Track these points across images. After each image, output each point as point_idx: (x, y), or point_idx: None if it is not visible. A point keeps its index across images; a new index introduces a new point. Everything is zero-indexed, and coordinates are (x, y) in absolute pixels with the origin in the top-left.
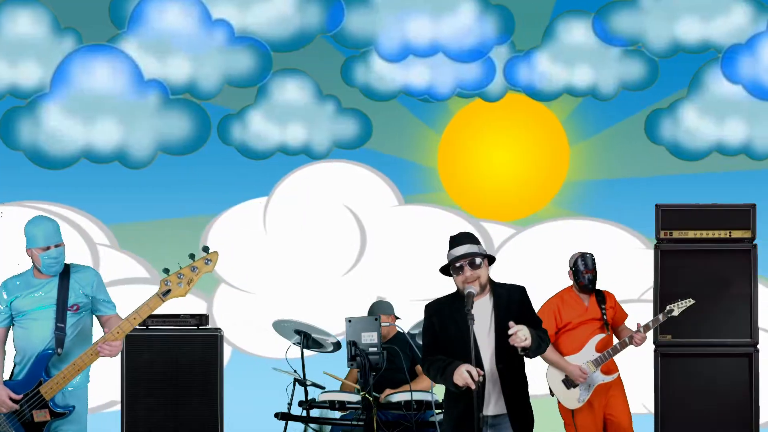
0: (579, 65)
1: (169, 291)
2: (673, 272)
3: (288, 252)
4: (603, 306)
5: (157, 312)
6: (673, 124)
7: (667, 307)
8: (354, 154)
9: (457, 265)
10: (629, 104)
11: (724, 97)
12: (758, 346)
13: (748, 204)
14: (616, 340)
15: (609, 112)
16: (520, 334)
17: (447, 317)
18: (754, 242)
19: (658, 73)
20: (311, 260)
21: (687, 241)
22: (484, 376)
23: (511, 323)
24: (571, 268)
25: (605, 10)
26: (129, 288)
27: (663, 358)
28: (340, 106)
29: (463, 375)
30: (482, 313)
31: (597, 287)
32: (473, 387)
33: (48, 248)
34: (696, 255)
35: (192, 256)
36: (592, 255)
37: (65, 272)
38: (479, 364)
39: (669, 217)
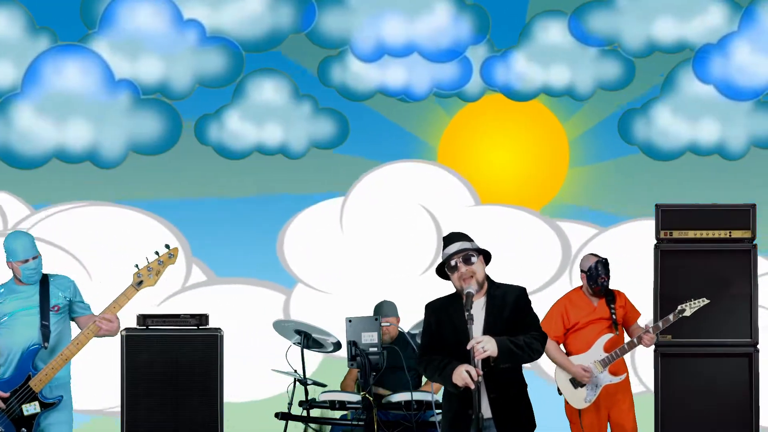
0: (555, 65)
1: (141, 282)
2: (673, 272)
3: (364, 252)
4: (612, 306)
5: (157, 312)
6: (647, 124)
7: (679, 307)
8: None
9: (452, 263)
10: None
11: (697, 98)
12: (758, 346)
13: (748, 204)
14: (627, 339)
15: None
16: (478, 346)
17: (445, 317)
18: (754, 242)
19: (634, 73)
20: (388, 260)
21: (687, 241)
22: (481, 376)
23: (475, 337)
24: (585, 272)
25: (581, 10)
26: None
27: (663, 358)
28: (316, 106)
29: (463, 375)
30: (476, 315)
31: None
32: (472, 387)
33: (26, 261)
34: (696, 255)
35: (157, 253)
36: (607, 260)
37: (44, 280)
38: (475, 365)
39: (669, 217)
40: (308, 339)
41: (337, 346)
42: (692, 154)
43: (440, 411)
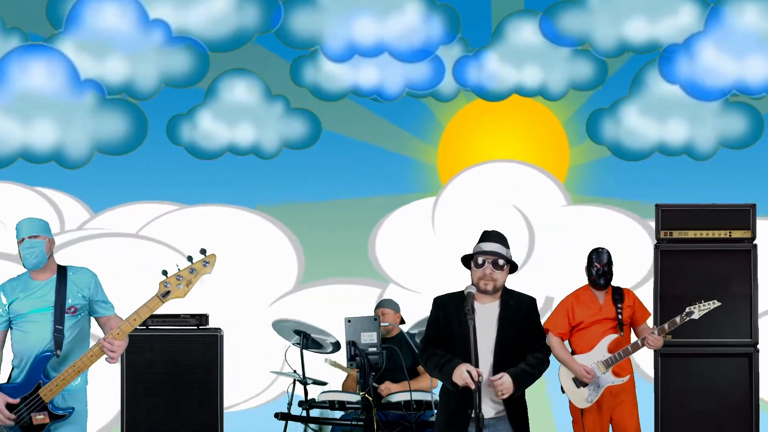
0: (528, 65)
1: (168, 292)
2: (673, 272)
3: (456, 251)
4: (619, 305)
5: (157, 312)
6: (615, 124)
7: (687, 309)
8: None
9: (480, 260)
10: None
11: (665, 98)
12: (758, 346)
13: (748, 204)
14: (634, 338)
15: None
16: (501, 388)
17: (452, 313)
18: (754, 242)
19: (607, 73)
20: None
21: (687, 241)
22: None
23: (497, 377)
24: (586, 263)
25: (553, 10)
26: None
27: (663, 358)
28: (288, 106)
29: (463, 375)
30: (488, 318)
31: (616, 285)
32: (472, 387)
33: (23, 240)
34: (696, 255)
35: (190, 259)
36: (606, 249)
37: (62, 274)
38: (477, 364)
39: (669, 217)
40: (307, 339)
41: (336, 346)
42: (661, 154)
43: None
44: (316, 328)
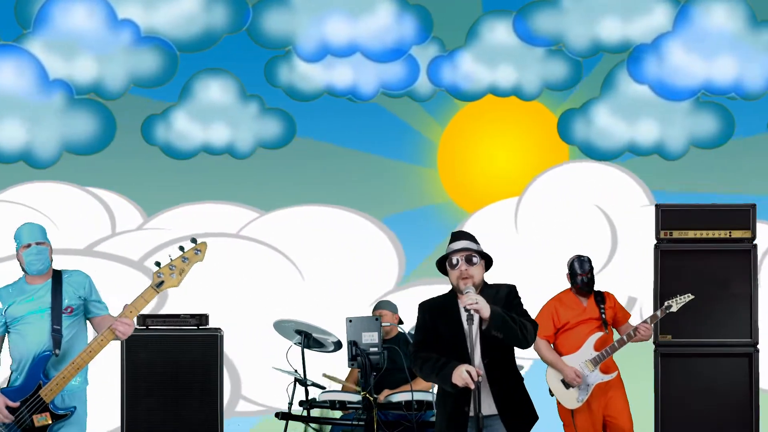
0: (502, 65)
1: (162, 282)
2: (673, 272)
3: (539, 251)
4: (602, 306)
5: (156, 312)
6: (586, 124)
7: (665, 303)
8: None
9: (454, 260)
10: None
11: (635, 98)
12: (758, 346)
13: (748, 204)
14: (617, 336)
15: None
16: (472, 296)
17: (439, 315)
18: (754, 242)
19: (581, 73)
20: (562, 260)
21: (687, 241)
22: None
23: (470, 294)
24: (568, 271)
25: (526, 10)
26: None
27: (663, 358)
28: (263, 105)
29: (463, 375)
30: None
31: (596, 288)
32: (473, 387)
33: (29, 245)
34: (696, 255)
35: (182, 248)
36: (588, 257)
37: (57, 277)
38: (472, 363)
39: (669, 217)
40: (309, 339)
41: (338, 345)
42: (632, 154)
43: None
44: (317, 328)
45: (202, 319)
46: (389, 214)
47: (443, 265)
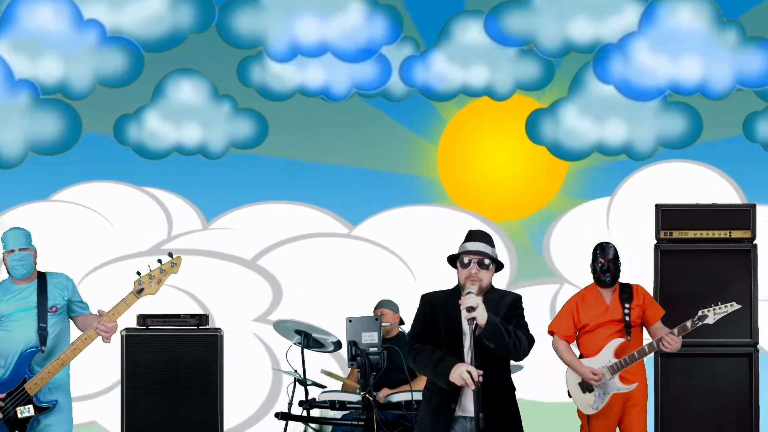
0: (475, 65)
1: (142, 290)
2: (673, 272)
3: (631, 250)
4: (627, 305)
5: (157, 312)
6: (554, 124)
7: (700, 312)
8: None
9: (466, 260)
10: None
11: (602, 98)
12: (758, 346)
13: (748, 204)
14: (648, 340)
15: None
16: (472, 299)
17: (440, 310)
18: (754, 242)
19: (553, 73)
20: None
21: (687, 241)
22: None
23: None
24: (591, 259)
25: (497, 10)
26: None
27: (663, 358)
28: (236, 106)
29: (463, 375)
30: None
31: (626, 281)
32: (472, 388)
33: (13, 251)
34: (696, 255)
35: (160, 261)
36: (613, 245)
37: (42, 279)
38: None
39: (669, 217)
40: (308, 339)
41: (338, 345)
42: (600, 154)
43: None
44: (316, 328)
45: (202, 319)
46: (363, 216)
47: (453, 260)
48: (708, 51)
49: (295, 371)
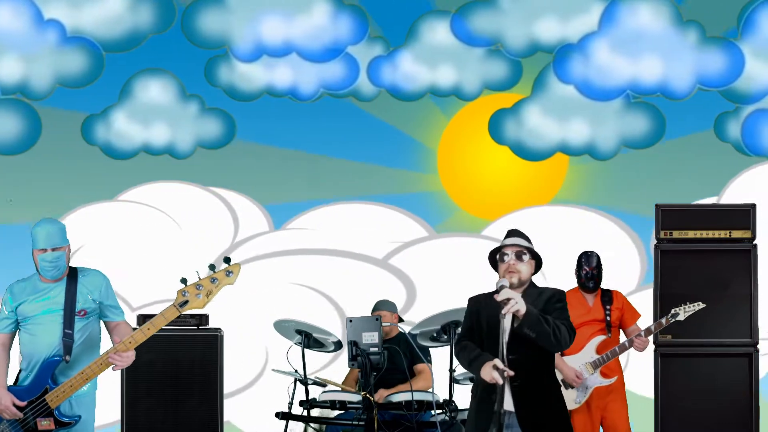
0: (442, 65)
1: (186, 302)
2: (673, 272)
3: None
4: (608, 307)
5: (157, 312)
6: (517, 124)
7: (672, 311)
8: None
9: (505, 252)
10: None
11: (565, 98)
12: (758, 346)
13: (748, 204)
14: (623, 338)
15: None
16: (507, 292)
17: (483, 309)
18: (754, 242)
19: (521, 73)
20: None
21: (687, 241)
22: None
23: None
24: (576, 266)
25: (464, 10)
26: None
27: (663, 358)
28: (203, 105)
29: (493, 373)
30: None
31: (605, 287)
32: (500, 383)
33: (44, 251)
34: (696, 255)
35: (212, 267)
36: (596, 253)
37: (73, 276)
38: (503, 357)
39: (669, 217)
40: (309, 339)
41: (338, 345)
42: (562, 155)
43: (441, 411)
44: (317, 328)
45: (202, 319)
46: None
47: (494, 258)
48: (668, 51)
49: (296, 371)
